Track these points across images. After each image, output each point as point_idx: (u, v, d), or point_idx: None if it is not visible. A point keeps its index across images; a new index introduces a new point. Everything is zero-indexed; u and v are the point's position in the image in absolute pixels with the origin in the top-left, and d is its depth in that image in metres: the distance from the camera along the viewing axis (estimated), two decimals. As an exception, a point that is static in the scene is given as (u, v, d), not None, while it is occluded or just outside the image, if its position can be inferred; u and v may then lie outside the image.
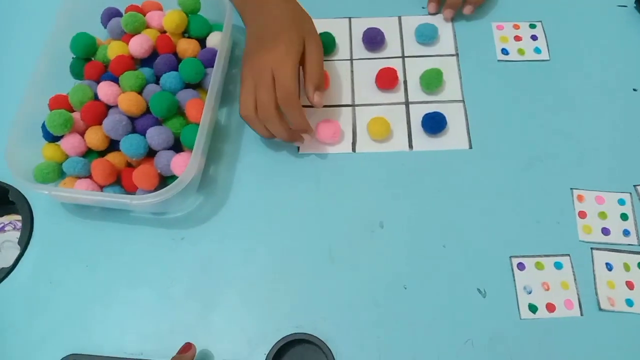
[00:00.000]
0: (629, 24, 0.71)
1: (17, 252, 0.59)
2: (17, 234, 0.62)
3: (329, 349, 0.53)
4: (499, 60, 0.68)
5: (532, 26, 0.71)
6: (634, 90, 0.66)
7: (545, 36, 0.70)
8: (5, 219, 0.64)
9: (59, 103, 0.60)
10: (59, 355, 0.54)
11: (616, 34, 0.70)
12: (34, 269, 0.58)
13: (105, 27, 0.68)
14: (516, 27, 0.71)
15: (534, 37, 0.70)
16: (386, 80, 0.66)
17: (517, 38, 0.70)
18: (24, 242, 0.59)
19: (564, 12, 0.72)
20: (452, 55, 0.69)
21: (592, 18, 0.72)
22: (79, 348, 0.54)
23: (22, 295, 0.57)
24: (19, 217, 0.63)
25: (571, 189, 0.61)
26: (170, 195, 0.53)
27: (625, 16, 0.72)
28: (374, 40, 0.68)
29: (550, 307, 0.55)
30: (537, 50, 0.69)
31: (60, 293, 0.57)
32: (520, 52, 0.69)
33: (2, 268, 0.58)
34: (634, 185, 0.61)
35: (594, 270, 0.57)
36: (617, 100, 0.66)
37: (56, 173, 0.57)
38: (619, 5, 0.72)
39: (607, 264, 0.57)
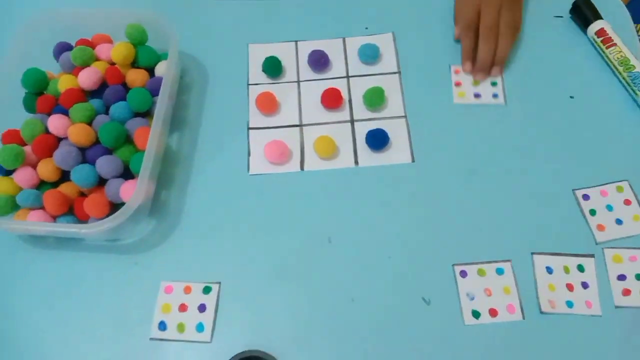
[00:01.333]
0: (566, 33, 0.74)
1: (-27, 284, 0.61)
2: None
3: (280, 364, 0.55)
4: (442, 79, 0.71)
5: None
6: (571, 97, 0.69)
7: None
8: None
9: (11, 137, 0.62)
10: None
11: (556, 45, 0.73)
12: (-10, 300, 0.59)
13: (57, 61, 0.70)
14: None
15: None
16: (331, 99, 0.68)
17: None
18: (-20, 275, 0.60)
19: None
20: (395, 73, 0.71)
21: (532, 33, 0.74)
22: (36, 379, 0.55)
23: (-26, 328, 0.58)
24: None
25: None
26: (119, 221, 0.54)
27: (561, 27, 0.75)
28: (318, 62, 0.71)
29: (493, 312, 0.57)
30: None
31: (16, 322, 0.58)
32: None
33: (-41, 301, 0.60)
34: (573, 190, 0.63)
35: (534, 274, 0.59)
36: (556, 108, 0.69)
37: (10, 206, 0.59)
38: (555, 16, 0.75)
39: (547, 267, 0.59)
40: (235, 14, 0.77)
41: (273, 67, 0.70)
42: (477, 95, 0.70)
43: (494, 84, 0.70)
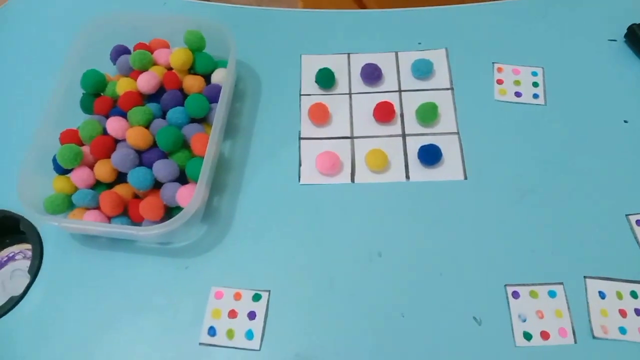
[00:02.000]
0: (619, 58, 0.74)
1: (26, 280, 0.61)
2: (27, 262, 0.64)
3: (328, 376, 0.55)
4: (496, 100, 0.71)
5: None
6: (625, 122, 0.69)
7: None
8: (16, 248, 0.66)
9: (70, 137, 0.63)
10: (66, 382, 0.55)
11: (608, 69, 0.73)
12: (43, 297, 0.60)
13: (114, 64, 0.71)
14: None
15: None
16: (383, 113, 0.68)
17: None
18: (34, 271, 0.61)
19: (560, 55, 0.74)
20: (448, 89, 0.71)
21: (585, 56, 0.74)
22: (85, 375, 0.56)
23: (31, 323, 0.59)
24: (28, 246, 0.65)
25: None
26: (176, 225, 0.55)
27: (620, 54, 0.74)
28: (371, 75, 0.71)
29: (545, 335, 0.57)
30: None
31: (68, 321, 0.58)
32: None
33: (12, 296, 0.60)
34: (626, 215, 0.63)
35: (587, 298, 0.58)
36: (610, 132, 0.68)
37: (66, 204, 0.60)
38: (610, 40, 0.75)
39: (600, 292, 0.59)
40: (289, 25, 0.78)
41: (326, 79, 0.71)
42: (518, 94, 0.71)
43: (535, 96, 0.70)
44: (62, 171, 0.62)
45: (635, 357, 0.55)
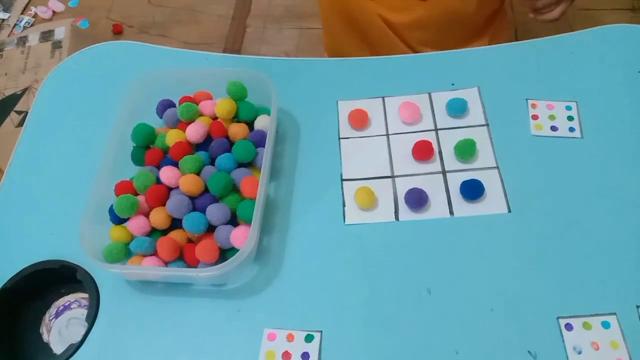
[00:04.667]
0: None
1: (82, 328, 0.63)
2: (82, 311, 0.66)
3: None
4: (533, 135, 0.72)
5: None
6: (665, 148, 0.69)
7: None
8: (72, 297, 0.68)
9: (125, 188, 0.65)
10: None
11: (638, 101, 0.74)
12: (101, 343, 0.61)
13: (160, 117, 0.74)
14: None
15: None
16: (423, 151, 0.70)
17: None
18: (91, 319, 0.63)
19: (592, 88, 0.76)
20: (483, 125, 0.73)
21: (617, 88, 0.76)
22: (146, 420, 0.57)
23: (90, 369, 0.60)
24: (83, 295, 0.67)
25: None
26: (233, 266, 0.57)
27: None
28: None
29: (603, 367, 0.56)
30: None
31: (127, 368, 0.60)
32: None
33: (71, 344, 0.62)
34: (673, 242, 0.63)
35: (642, 328, 0.58)
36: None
37: (124, 253, 0.62)
38: None
39: (654, 321, 0.58)
40: (324, 71, 0.81)
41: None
42: (554, 128, 0.72)
43: (571, 129, 0.72)
44: (118, 221, 0.64)
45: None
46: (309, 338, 0.60)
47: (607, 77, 0.77)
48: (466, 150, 0.69)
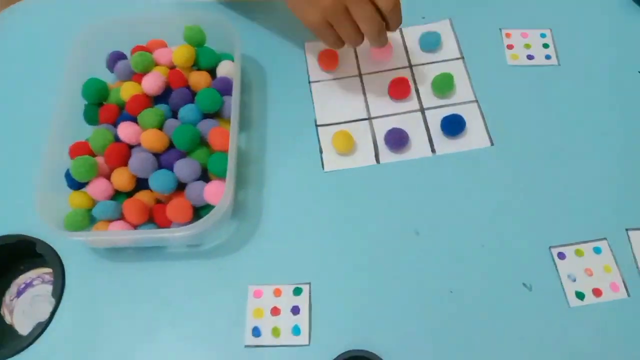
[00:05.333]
0: (625, 13, 0.73)
1: (49, 305, 0.58)
2: (47, 287, 0.60)
3: (386, 362, 0.53)
4: (509, 65, 0.70)
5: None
6: (639, 72, 0.68)
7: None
8: (33, 273, 0.63)
9: (80, 150, 0.59)
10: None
11: (615, 24, 0.72)
12: (72, 319, 0.56)
13: (112, 71, 0.68)
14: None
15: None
16: (399, 90, 0.67)
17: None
18: (58, 294, 0.58)
19: (565, 15, 0.73)
20: (458, 59, 0.70)
21: (591, 14, 0.74)
22: (130, 393, 0.53)
23: (63, 347, 0.55)
24: (46, 270, 0.62)
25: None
26: (210, 223, 0.52)
27: (624, 9, 0.74)
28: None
29: (597, 292, 0.55)
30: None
31: (103, 340, 0.55)
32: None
33: (38, 323, 0.57)
34: (655, 164, 0.62)
35: (632, 251, 0.57)
36: (625, 85, 0.68)
37: (87, 220, 0.57)
38: (615, -2, 0.75)
39: (644, 242, 0.58)
40: (287, 12, 0.75)
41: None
42: (530, 57, 0.70)
43: (547, 57, 0.70)
44: (77, 186, 0.59)
45: (690, 303, 0.54)
46: (297, 291, 0.57)
47: (581, 3, 0.74)
48: (444, 85, 0.66)
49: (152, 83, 0.62)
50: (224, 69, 0.66)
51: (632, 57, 0.70)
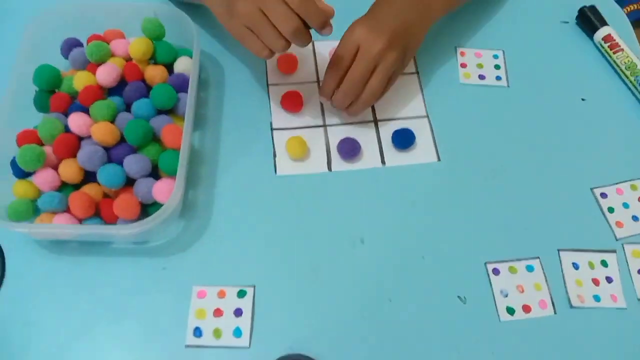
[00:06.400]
0: (572, 38, 0.77)
1: (-15, 294, 0.57)
2: (-16, 275, 0.59)
3: (322, 366, 0.54)
4: (461, 83, 0.72)
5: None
6: (583, 99, 0.72)
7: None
8: (-30, 260, 0.61)
9: (28, 138, 0.58)
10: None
11: (563, 50, 0.76)
12: (9, 311, 0.55)
13: (66, 58, 0.66)
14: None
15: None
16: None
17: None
18: (-4, 284, 0.56)
19: (518, 38, 0.76)
20: (413, 73, 0.72)
21: (541, 38, 0.77)
22: (64, 390, 0.52)
23: (-3, 339, 0.54)
24: (-16, 258, 0.60)
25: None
26: (158, 221, 0.52)
27: (574, 35, 0.78)
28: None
29: (526, 308, 0.59)
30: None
31: (39, 334, 0.54)
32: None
33: (-28, 312, 0.55)
34: (591, 188, 0.65)
35: (562, 270, 0.61)
36: (569, 110, 0.71)
37: (31, 210, 0.56)
38: (562, 22, 0.78)
39: (573, 263, 0.61)
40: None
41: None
42: (481, 77, 0.73)
43: (498, 78, 0.73)
44: (23, 175, 0.57)
45: (611, 322, 0.58)
46: (241, 293, 0.57)
47: (532, 27, 0.77)
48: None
49: (106, 74, 0.61)
50: (182, 65, 0.66)
51: (577, 83, 0.73)
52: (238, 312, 0.56)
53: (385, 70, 0.62)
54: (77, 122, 0.57)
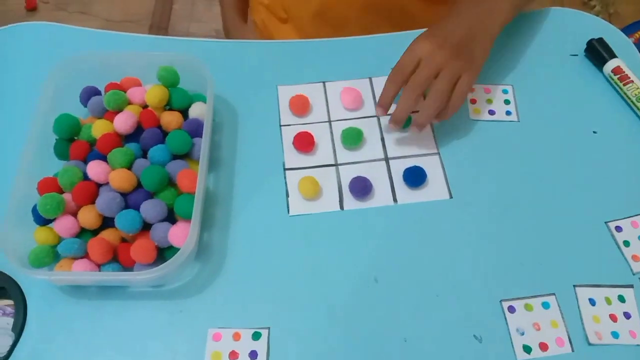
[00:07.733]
0: (581, 71, 0.77)
1: (9, 339, 0.58)
2: (8, 319, 0.60)
3: (338, 409, 0.54)
4: (471, 119, 0.73)
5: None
6: (594, 132, 0.72)
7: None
8: (-6, 304, 0.63)
9: (49, 186, 0.60)
10: None
11: (573, 82, 0.76)
12: (31, 355, 0.57)
13: (84, 106, 0.69)
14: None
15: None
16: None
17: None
18: (19, 328, 0.58)
19: (526, 72, 0.77)
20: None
21: (550, 71, 0.77)
22: None
23: (19, 384, 0.55)
24: (8, 302, 0.62)
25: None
26: (174, 266, 0.53)
27: (583, 68, 0.78)
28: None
29: (543, 346, 0.58)
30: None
31: (61, 379, 0.56)
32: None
33: (-4, 357, 0.57)
34: (605, 222, 0.65)
35: (579, 307, 0.60)
36: (581, 143, 0.71)
37: (51, 256, 0.57)
38: (571, 55, 0.78)
39: (590, 299, 0.61)
40: (262, 54, 0.78)
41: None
42: (491, 112, 0.74)
43: (508, 113, 0.73)
44: (43, 222, 0.59)
45: (630, 360, 0.57)
46: (256, 336, 0.58)
47: (541, 61, 0.78)
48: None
49: (123, 122, 0.63)
50: (196, 110, 0.67)
51: (588, 116, 0.73)
52: (253, 355, 0.57)
53: (450, 75, 0.64)
54: (95, 170, 0.59)
